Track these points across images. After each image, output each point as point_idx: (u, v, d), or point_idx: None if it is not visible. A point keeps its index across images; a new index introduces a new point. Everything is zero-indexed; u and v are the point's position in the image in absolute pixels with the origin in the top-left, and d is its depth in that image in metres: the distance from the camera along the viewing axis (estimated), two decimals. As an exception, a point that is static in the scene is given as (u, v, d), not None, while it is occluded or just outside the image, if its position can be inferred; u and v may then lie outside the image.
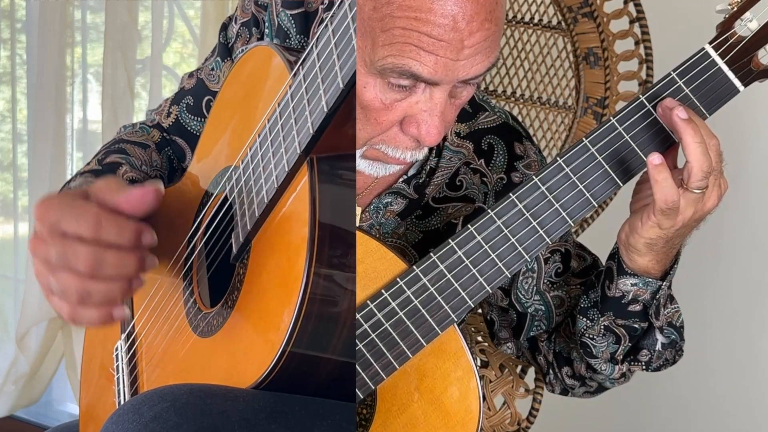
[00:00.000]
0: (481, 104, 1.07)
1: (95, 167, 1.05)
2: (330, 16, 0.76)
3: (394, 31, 0.82)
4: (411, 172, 1.02)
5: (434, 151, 1.02)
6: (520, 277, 1.06)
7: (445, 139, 1.03)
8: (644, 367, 1.03)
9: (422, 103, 0.86)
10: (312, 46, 0.78)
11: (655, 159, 0.85)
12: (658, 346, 1.00)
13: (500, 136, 1.06)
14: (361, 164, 0.93)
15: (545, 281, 1.06)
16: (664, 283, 0.96)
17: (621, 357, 1.01)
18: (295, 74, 0.81)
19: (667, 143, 0.87)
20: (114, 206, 0.83)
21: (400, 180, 1.02)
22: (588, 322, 0.99)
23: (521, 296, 1.06)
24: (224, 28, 1.12)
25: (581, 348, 1.01)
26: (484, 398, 1.01)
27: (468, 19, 0.82)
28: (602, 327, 0.99)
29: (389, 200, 1.01)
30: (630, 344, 1.01)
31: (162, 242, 1.03)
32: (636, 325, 0.98)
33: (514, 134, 1.07)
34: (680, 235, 0.92)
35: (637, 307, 0.97)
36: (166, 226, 1.05)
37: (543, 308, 1.07)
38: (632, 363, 1.02)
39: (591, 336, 1.00)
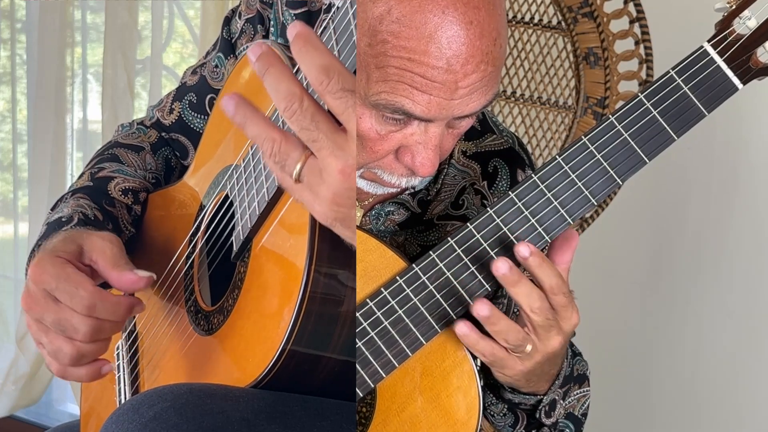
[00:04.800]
0: (491, 125, 1.07)
1: (87, 183, 1.06)
2: (331, 13, 0.76)
3: (389, 69, 0.81)
4: (418, 187, 1.02)
5: (444, 171, 1.02)
6: (494, 301, 1.05)
7: (451, 156, 1.03)
8: None
9: (417, 135, 0.86)
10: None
11: (461, 328, 0.86)
12: None
13: (506, 161, 1.05)
14: (360, 183, 0.93)
15: (513, 311, 1.05)
16: (545, 396, 0.97)
17: None
18: (296, 72, 0.81)
19: (666, 141, 0.87)
20: (105, 278, 0.88)
21: (407, 192, 1.01)
22: (492, 398, 1.00)
23: None
24: (227, 22, 1.12)
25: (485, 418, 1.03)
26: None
27: (463, 61, 0.81)
28: (504, 407, 1.00)
29: (392, 209, 1.00)
30: (524, 430, 1.02)
31: (162, 242, 1.04)
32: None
33: (519, 161, 1.06)
34: (542, 370, 0.92)
35: (527, 407, 0.99)
36: (167, 226, 1.05)
37: None
38: None
39: (492, 413, 1.01)
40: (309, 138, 0.70)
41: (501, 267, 0.84)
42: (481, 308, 0.85)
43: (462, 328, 0.86)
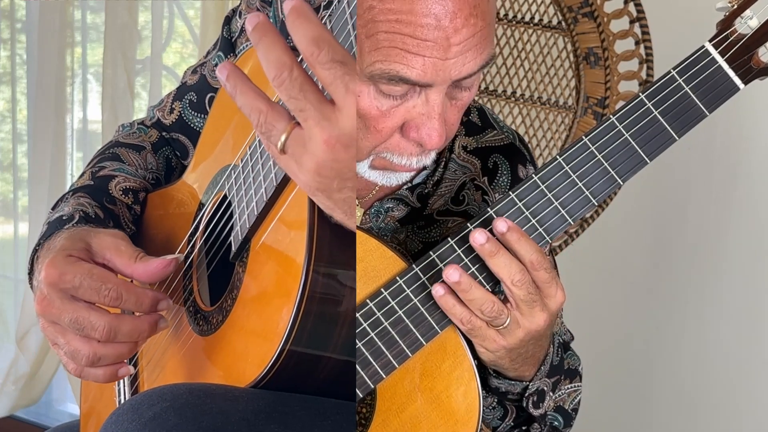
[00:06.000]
0: (491, 121, 1.07)
1: (88, 182, 1.06)
2: (330, 11, 0.76)
3: (378, 36, 0.81)
4: (416, 181, 1.02)
5: (442, 162, 1.02)
6: None
7: (452, 151, 1.03)
8: None
9: (419, 106, 0.85)
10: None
11: (437, 290, 0.86)
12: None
13: (506, 156, 1.05)
14: (372, 175, 0.92)
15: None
16: (531, 383, 0.96)
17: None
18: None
19: (667, 141, 0.87)
20: (129, 275, 0.88)
21: (404, 187, 1.01)
22: (483, 392, 0.99)
23: None
24: (227, 21, 1.11)
25: None
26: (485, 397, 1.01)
27: (451, 15, 0.80)
28: (494, 400, 1.00)
29: (391, 206, 1.00)
30: (513, 423, 1.02)
31: (161, 242, 1.04)
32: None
33: (519, 157, 1.06)
34: (527, 350, 0.91)
35: (514, 396, 0.98)
36: (165, 226, 1.05)
37: None
38: None
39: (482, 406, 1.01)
40: (296, 107, 0.70)
41: (478, 238, 0.84)
42: (452, 273, 0.85)
43: (438, 289, 0.86)
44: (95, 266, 0.86)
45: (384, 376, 0.88)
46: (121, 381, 1.04)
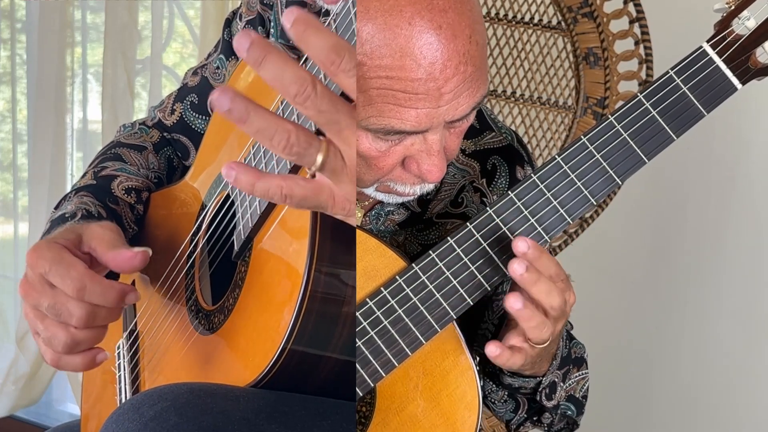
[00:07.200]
0: (489, 123, 1.07)
1: (91, 181, 1.06)
2: (333, 14, 0.76)
3: (371, 92, 0.80)
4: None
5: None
6: (494, 298, 1.05)
7: None
8: (546, 428, 1.04)
9: (417, 144, 0.85)
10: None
11: (491, 351, 0.85)
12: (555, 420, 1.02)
13: (504, 158, 1.05)
14: (378, 195, 0.93)
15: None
16: (545, 377, 0.96)
17: (516, 425, 1.03)
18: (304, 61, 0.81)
19: (665, 140, 0.87)
20: (102, 262, 0.87)
21: None
22: (492, 386, 1.00)
23: (488, 315, 1.05)
24: (228, 24, 1.12)
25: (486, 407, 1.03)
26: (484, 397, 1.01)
27: (441, 67, 0.79)
28: (505, 394, 1.00)
29: (392, 209, 1.01)
30: (526, 414, 1.02)
31: (163, 241, 1.04)
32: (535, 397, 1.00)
33: (518, 158, 1.06)
34: (547, 352, 0.92)
35: (527, 391, 0.99)
36: (168, 225, 1.06)
37: None
38: (536, 423, 1.03)
39: (493, 400, 1.01)
40: (328, 120, 0.67)
41: (518, 269, 0.83)
42: (515, 302, 0.83)
43: (494, 350, 0.85)
44: (69, 254, 0.85)
45: (384, 375, 0.88)
46: (122, 380, 1.04)
